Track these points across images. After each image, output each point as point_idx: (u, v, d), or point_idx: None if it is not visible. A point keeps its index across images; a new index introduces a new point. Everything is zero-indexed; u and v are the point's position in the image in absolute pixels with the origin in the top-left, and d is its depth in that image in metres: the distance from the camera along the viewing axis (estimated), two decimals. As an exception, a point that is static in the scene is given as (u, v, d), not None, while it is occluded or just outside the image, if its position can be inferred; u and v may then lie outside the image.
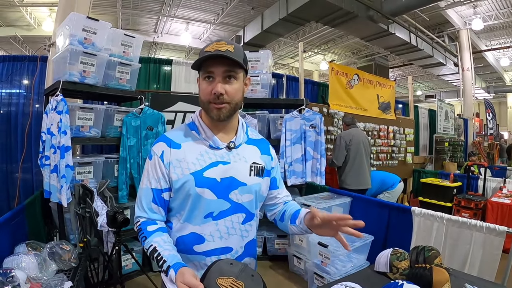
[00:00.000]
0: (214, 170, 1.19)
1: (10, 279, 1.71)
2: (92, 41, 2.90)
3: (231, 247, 1.23)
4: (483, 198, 5.03)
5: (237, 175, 1.22)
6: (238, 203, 1.23)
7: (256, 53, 4.16)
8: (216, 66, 1.13)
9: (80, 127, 3.02)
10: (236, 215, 1.23)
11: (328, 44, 13.10)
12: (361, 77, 5.74)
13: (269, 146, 1.40)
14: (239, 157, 1.25)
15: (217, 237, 1.20)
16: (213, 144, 1.21)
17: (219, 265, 1.03)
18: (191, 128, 1.25)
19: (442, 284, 1.47)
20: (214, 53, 1.10)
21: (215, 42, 1.14)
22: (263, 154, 1.33)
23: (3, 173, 3.86)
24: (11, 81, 3.90)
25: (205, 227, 1.19)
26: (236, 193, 1.22)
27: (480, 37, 12.29)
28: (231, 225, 1.22)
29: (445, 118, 8.50)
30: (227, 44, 1.13)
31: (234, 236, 1.23)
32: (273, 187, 1.40)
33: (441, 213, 2.74)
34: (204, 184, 1.17)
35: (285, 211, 1.39)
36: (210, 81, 1.14)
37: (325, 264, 3.02)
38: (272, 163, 1.38)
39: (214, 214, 1.19)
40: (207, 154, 1.21)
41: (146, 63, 4.51)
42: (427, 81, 19.01)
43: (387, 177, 4.94)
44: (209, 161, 1.19)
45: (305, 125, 3.96)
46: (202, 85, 1.17)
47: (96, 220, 2.63)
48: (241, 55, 1.16)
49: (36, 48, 9.55)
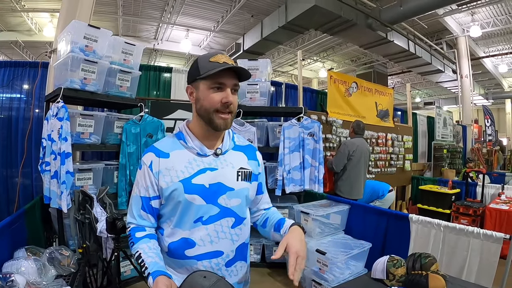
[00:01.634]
0: (202, 176, 1.23)
1: (9, 283, 1.73)
2: (93, 48, 2.93)
3: (222, 251, 1.26)
4: (482, 205, 5.03)
5: (224, 180, 1.26)
6: (226, 207, 1.26)
7: (255, 61, 4.20)
8: (228, 78, 1.19)
9: (81, 133, 3.04)
10: (225, 219, 1.26)
11: (327, 52, 13.15)
12: (359, 85, 5.78)
13: (256, 152, 1.45)
14: (226, 163, 1.29)
15: (208, 241, 1.23)
16: (200, 152, 1.26)
17: (192, 278, 1.08)
18: (179, 137, 1.29)
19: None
20: (231, 66, 1.16)
21: (220, 55, 1.19)
22: (250, 160, 1.38)
23: (3, 178, 3.86)
24: (12, 86, 3.91)
25: (195, 232, 1.22)
26: (224, 198, 1.26)
27: (478, 44, 12.34)
28: (221, 229, 1.25)
29: (443, 125, 8.53)
30: (230, 58, 1.22)
31: (224, 240, 1.26)
32: (259, 192, 1.45)
33: (438, 220, 2.75)
34: (193, 191, 1.21)
35: (268, 218, 1.45)
36: (219, 91, 1.19)
37: (323, 271, 3.02)
38: (259, 169, 1.43)
39: (204, 218, 1.23)
40: (195, 161, 1.25)
41: (146, 70, 4.54)
42: (426, 88, 19.06)
43: (377, 186, 5.00)
44: (197, 168, 1.24)
45: (304, 133, 3.99)
46: (207, 94, 1.20)
47: (96, 226, 2.64)
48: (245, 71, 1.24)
49: (37, 53, 9.64)
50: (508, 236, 2.31)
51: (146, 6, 9.43)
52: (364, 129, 4.58)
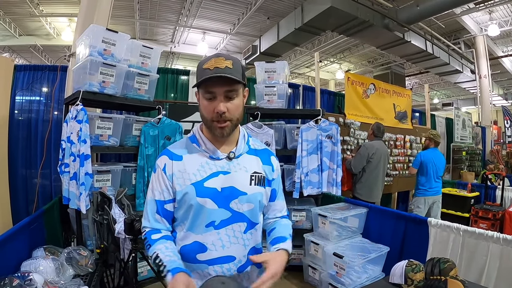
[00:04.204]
0: (214, 180, 1.22)
1: (28, 282, 1.76)
2: (112, 52, 2.97)
3: (234, 256, 1.24)
4: (501, 208, 4.92)
5: (237, 184, 1.25)
6: (238, 212, 1.25)
7: (273, 64, 4.19)
8: (217, 86, 1.15)
9: (99, 136, 3.08)
10: (237, 224, 1.25)
11: (344, 53, 13.07)
12: (377, 87, 5.72)
13: (271, 157, 1.41)
14: (240, 167, 1.27)
15: (219, 246, 1.22)
16: (213, 155, 1.25)
17: (211, 285, 1.09)
18: (192, 141, 1.29)
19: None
20: (214, 74, 1.11)
21: (213, 59, 1.15)
22: (265, 164, 1.35)
23: (22, 178, 3.94)
24: (32, 89, 3.99)
25: (207, 236, 1.22)
26: (237, 202, 1.24)
27: (497, 43, 12.09)
28: (233, 234, 1.24)
29: (462, 126, 8.37)
30: (226, 60, 1.15)
31: (236, 245, 1.25)
32: (271, 199, 1.41)
33: (457, 224, 2.71)
34: (205, 194, 1.21)
35: (274, 228, 1.40)
36: (212, 100, 1.17)
37: (340, 275, 3.00)
38: (274, 174, 1.39)
39: (216, 223, 1.22)
40: (208, 165, 1.24)
41: (164, 73, 4.58)
42: (444, 89, 18.76)
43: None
44: (210, 172, 1.23)
45: (322, 136, 3.96)
46: (203, 103, 1.20)
47: (114, 227, 2.67)
48: (240, 70, 1.18)
49: (55, 57, 9.85)
50: (528, 241, 2.25)
51: (162, 10, 9.53)
52: (384, 131, 4.54)
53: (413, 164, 4.80)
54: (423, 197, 4.72)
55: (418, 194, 4.80)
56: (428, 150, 4.82)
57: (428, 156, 4.70)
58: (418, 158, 4.74)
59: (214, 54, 1.19)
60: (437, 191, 4.78)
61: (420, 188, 4.76)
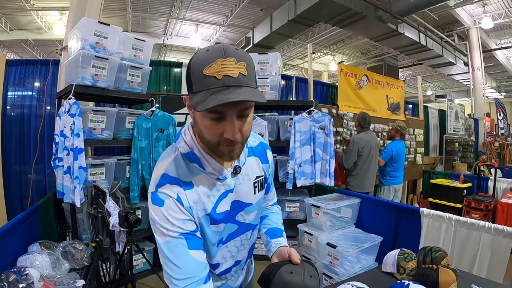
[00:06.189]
0: (224, 202, 1.05)
1: (24, 277, 1.76)
2: (104, 45, 2.96)
3: (240, 260, 1.21)
4: (493, 199, 4.98)
5: (243, 197, 1.10)
6: (245, 223, 1.15)
7: (265, 55, 4.18)
8: (229, 105, 0.82)
9: (93, 129, 3.07)
10: (244, 234, 1.17)
11: (337, 45, 13.06)
12: (370, 78, 5.73)
13: (267, 151, 1.25)
14: (243, 177, 1.10)
15: (229, 257, 1.16)
16: (221, 176, 1.02)
17: (281, 276, 1.03)
18: (191, 159, 1.00)
19: (448, 285, 1.48)
20: (228, 97, 0.78)
21: (220, 61, 0.80)
22: (264, 163, 1.21)
23: (16, 174, 3.93)
24: (24, 84, 3.96)
25: (218, 254, 1.12)
26: (243, 214, 1.13)
27: (490, 36, 12.14)
28: (240, 243, 1.17)
29: (455, 118, 8.43)
30: (237, 62, 0.81)
31: (243, 251, 1.21)
32: (266, 193, 1.31)
33: (449, 214, 2.73)
34: (219, 221, 1.05)
35: (267, 217, 1.36)
36: (219, 121, 0.86)
37: (333, 265, 3.03)
38: (270, 169, 1.25)
39: (224, 239, 1.11)
40: (216, 187, 1.03)
41: (156, 66, 4.56)
42: (437, 81, 18.84)
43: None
44: (218, 194, 1.03)
45: (314, 127, 3.98)
46: (204, 122, 0.89)
47: (108, 220, 2.68)
48: (254, 74, 0.88)
49: (47, 51, 9.74)
50: (520, 231, 2.28)
51: (155, 2, 9.46)
52: (370, 121, 4.55)
53: (383, 156, 4.83)
54: (392, 185, 4.89)
55: (386, 183, 4.93)
56: (396, 141, 4.90)
57: (398, 147, 4.84)
58: (389, 152, 4.80)
59: (217, 47, 0.83)
60: (401, 180, 5.01)
61: (388, 178, 4.91)
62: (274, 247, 1.22)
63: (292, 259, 1.09)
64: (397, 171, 4.89)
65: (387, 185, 4.90)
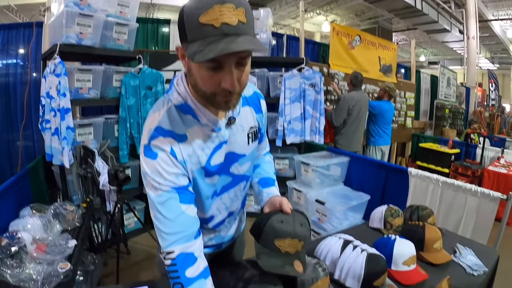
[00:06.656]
0: (219, 154, 1.03)
1: (16, 240, 1.76)
2: (88, 2, 2.85)
3: (233, 211, 1.22)
4: (481, 167, 5.08)
5: (236, 148, 1.08)
6: (239, 174, 1.14)
7: (256, 11, 4.05)
8: (227, 55, 0.76)
9: (79, 89, 3.00)
10: (238, 185, 1.17)
11: (330, 5, 12.69)
12: (363, 38, 5.63)
13: (261, 101, 1.20)
14: (237, 128, 1.06)
15: (223, 209, 1.17)
16: (215, 127, 0.99)
17: (271, 225, 1.03)
18: (184, 111, 0.97)
19: (434, 242, 1.51)
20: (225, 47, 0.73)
21: (217, 8, 0.73)
22: (257, 113, 1.17)
23: (4, 142, 3.89)
24: (7, 50, 3.83)
25: (212, 206, 1.12)
26: (237, 166, 1.11)
27: (488, 6, 11.92)
28: (234, 195, 1.17)
29: (447, 84, 8.42)
30: (236, 8, 0.75)
31: (237, 202, 1.21)
32: (259, 142, 1.27)
33: (437, 175, 2.78)
34: (213, 173, 1.04)
35: (259, 165, 1.34)
36: (216, 70, 0.81)
37: (322, 221, 3.09)
38: (263, 119, 1.21)
39: (218, 191, 1.10)
40: (210, 138, 1.00)
41: (144, 23, 4.42)
42: (431, 47, 18.63)
43: None
44: (213, 146, 1.01)
45: (305, 84, 3.95)
46: (201, 73, 0.84)
47: (98, 180, 2.68)
48: (253, 21, 0.82)
49: (30, 16, 9.31)
50: (505, 197, 2.32)
51: (142, -43, 9.01)
52: (362, 81, 4.46)
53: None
54: (377, 146, 4.85)
55: (371, 143, 4.90)
56: (383, 101, 4.80)
57: (383, 107, 4.74)
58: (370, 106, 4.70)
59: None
60: (387, 141, 4.93)
61: (371, 138, 4.88)
62: (266, 197, 1.21)
63: (283, 208, 1.09)
64: (382, 131, 4.81)
65: (372, 145, 4.86)
